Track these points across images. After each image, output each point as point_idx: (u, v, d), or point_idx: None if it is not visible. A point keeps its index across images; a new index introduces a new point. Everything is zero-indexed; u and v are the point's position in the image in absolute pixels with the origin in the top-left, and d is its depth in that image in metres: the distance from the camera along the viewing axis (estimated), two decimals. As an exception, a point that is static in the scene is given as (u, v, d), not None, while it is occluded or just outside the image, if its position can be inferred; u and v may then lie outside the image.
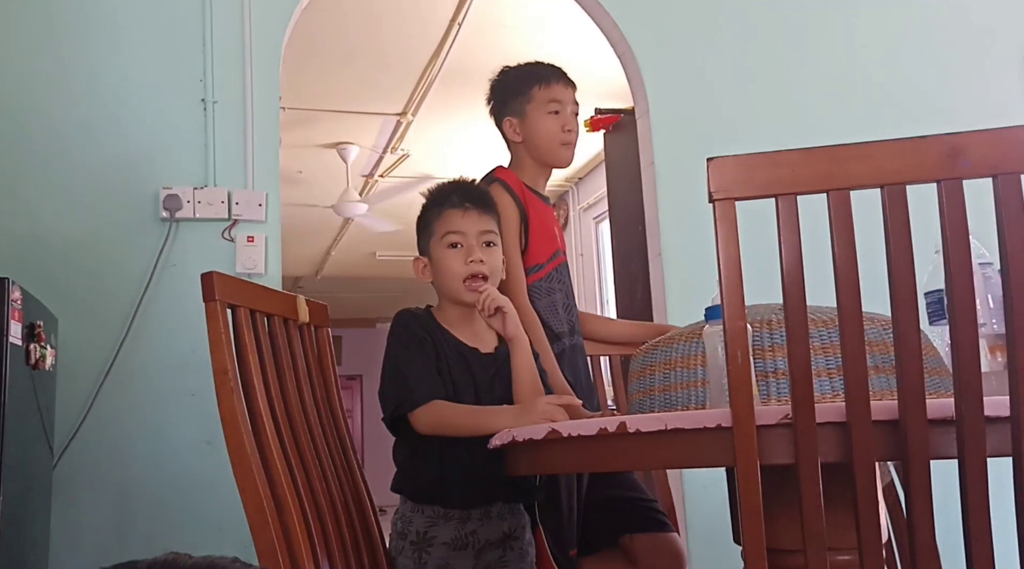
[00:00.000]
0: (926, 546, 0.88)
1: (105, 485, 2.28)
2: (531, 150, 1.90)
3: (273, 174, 2.51)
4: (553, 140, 1.88)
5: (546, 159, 1.90)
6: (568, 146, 1.89)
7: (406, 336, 1.50)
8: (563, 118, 1.88)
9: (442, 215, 1.55)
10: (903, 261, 0.85)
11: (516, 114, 1.90)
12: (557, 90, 1.89)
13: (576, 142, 1.91)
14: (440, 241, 1.54)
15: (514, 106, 1.90)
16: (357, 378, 10.42)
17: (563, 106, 1.88)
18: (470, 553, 1.47)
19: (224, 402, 1.23)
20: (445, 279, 1.53)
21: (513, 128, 1.91)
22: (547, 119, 1.87)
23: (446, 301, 1.57)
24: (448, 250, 1.53)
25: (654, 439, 1.01)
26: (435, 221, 1.56)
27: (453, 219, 1.54)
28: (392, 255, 7.61)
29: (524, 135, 1.90)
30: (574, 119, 1.91)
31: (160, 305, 2.37)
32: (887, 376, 1.19)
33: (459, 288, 1.52)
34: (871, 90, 3.05)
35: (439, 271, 1.54)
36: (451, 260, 1.52)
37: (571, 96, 1.91)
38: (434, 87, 4.47)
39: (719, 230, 0.90)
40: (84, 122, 2.42)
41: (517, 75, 1.93)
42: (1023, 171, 0.84)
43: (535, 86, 1.88)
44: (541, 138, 1.88)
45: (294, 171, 5.52)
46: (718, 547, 1.99)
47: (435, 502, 1.47)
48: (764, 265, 1.16)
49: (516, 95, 1.90)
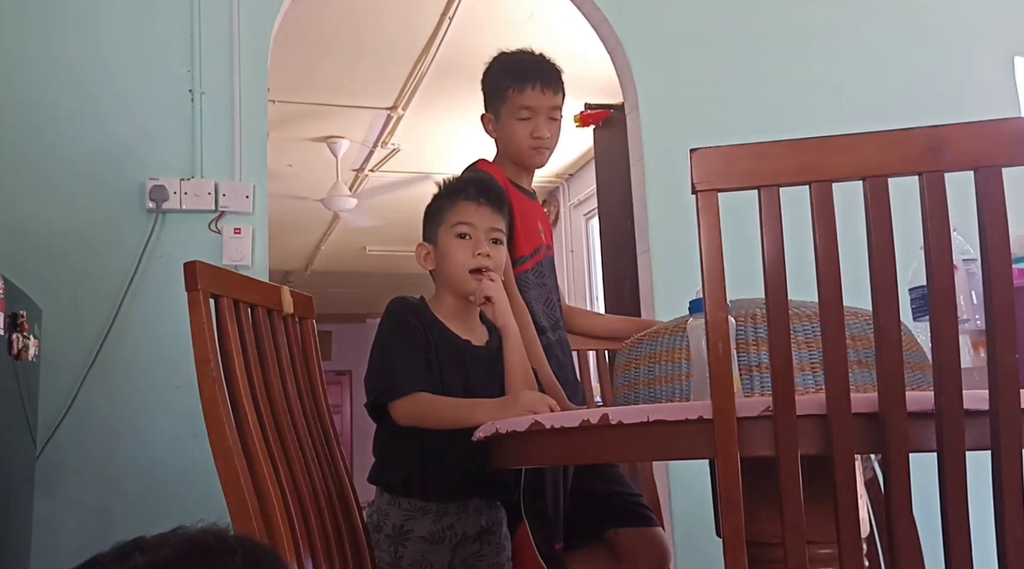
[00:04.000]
0: (905, 536, 0.88)
1: (88, 477, 2.27)
2: (504, 150, 1.89)
3: (261, 166, 2.50)
4: (521, 144, 1.84)
5: (517, 160, 1.88)
6: (539, 151, 1.85)
7: (397, 323, 1.49)
8: (533, 125, 1.82)
9: (456, 205, 1.56)
10: (884, 253, 0.86)
11: (493, 112, 1.89)
12: (531, 96, 1.82)
13: (551, 146, 1.86)
14: (449, 230, 1.54)
15: (492, 103, 1.89)
16: (346, 373, 10.40)
17: (535, 112, 1.82)
18: (447, 547, 1.47)
19: (206, 392, 1.22)
20: (449, 268, 1.54)
21: (490, 125, 1.90)
22: (516, 124, 1.83)
23: (444, 291, 1.57)
24: (456, 240, 1.54)
25: (636, 431, 1.01)
26: (447, 210, 1.56)
27: (467, 211, 1.54)
28: (382, 250, 7.59)
29: (497, 135, 1.89)
30: (547, 126, 1.83)
31: (146, 297, 2.35)
32: (870, 371, 1.19)
33: (464, 278, 1.52)
34: (862, 86, 3.06)
35: (444, 259, 1.55)
36: (458, 250, 1.53)
37: (547, 102, 1.83)
38: (425, 81, 4.46)
39: (702, 221, 0.90)
40: (69, 112, 2.40)
41: (499, 70, 1.89)
42: (1005, 164, 0.84)
43: (509, 89, 1.84)
44: (510, 142, 1.86)
45: (284, 165, 5.50)
46: (702, 541, 1.99)
47: (412, 495, 1.47)
48: (749, 261, 1.15)
49: (494, 93, 1.88)
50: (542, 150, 1.85)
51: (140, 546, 0.63)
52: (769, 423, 0.92)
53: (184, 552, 0.62)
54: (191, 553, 0.62)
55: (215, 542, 0.63)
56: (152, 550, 0.62)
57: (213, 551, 0.62)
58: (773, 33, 3.06)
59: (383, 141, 5.30)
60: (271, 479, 1.26)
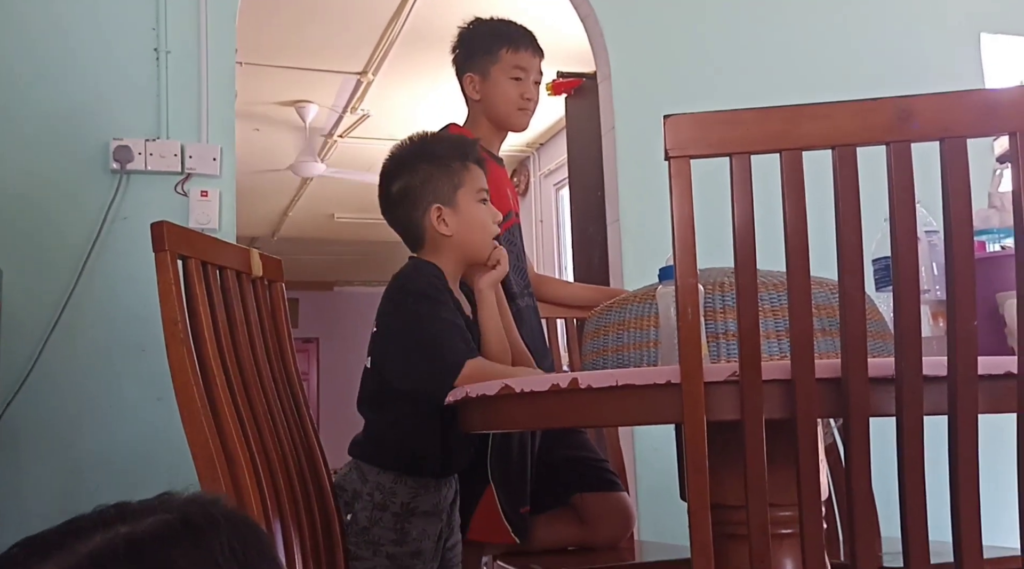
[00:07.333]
0: (863, 496, 0.90)
1: (51, 440, 2.25)
2: (487, 110, 1.89)
3: (228, 128, 2.46)
4: (511, 104, 1.88)
5: (501, 122, 1.90)
6: (525, 112, 1.90)
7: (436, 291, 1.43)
8: (524, 86, 1.88)
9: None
10: (850, 220, 0.87)
11: (479, 72, 1.89)
12: (524, 57, 1.88)
13: (534, 110, 1.91)
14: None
15: (479, 63, 1.89)
16: (314, 341, 10.34)
17: (527, 74, 1.88)
18: (439, 517, 1.50)
19: (174, 353, 1.21)
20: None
21: (473, 85, 1.89)
22: (508, 84, 1.87)
23: (449, 257, 1.51)
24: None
25: (605, 395, 1.02)
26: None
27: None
28: (351, 217, 7.52)
29: (483, 94, 1.89)
30: (535, 88, 1.91)
31: (110, 259, 2.32)
32: (833, 339, 1.22)
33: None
34: (832, 56, 3.08)
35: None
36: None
37: (537, 65, 1.91)
38: (396, 47, 4.40)
39: (673, 187, 0.91)
40: (30, 69, 2.34)
41: (488, 32, 1.91)
42: (969, 135, 0.86)
43: (504, 48, 1.87)
44: (499, 101, 1.88)
45: (251, 129, 5.42)
46: (666, 507, 2.03)
47: (425, 474, 1.46)
48: (719, 234, 1.16)
49: (483, 53, 1.89)
50: (528, 112, 1.90)
51: (123, 514, 0.58)
52: (735, 388, 0.94)
53: (170, 528, 0.57)
54: (177, 531, 0.57)
55: (202, 519, 0.58)
56: (135, 519, 0.57)
57: (201, 530, 0.57)
58: (745, 4, 3.07)
59: (352, 106, 5.24)
60: (240, 441, 1.26)
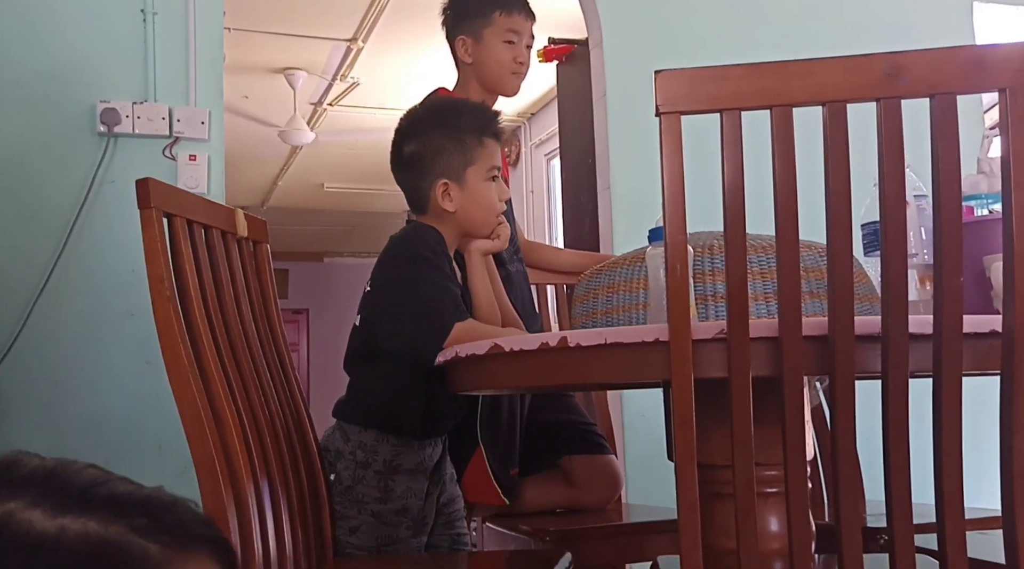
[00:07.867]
0: (847, 454, 0.91)
1: (39, 404, 2.24)
2: (479, 74, 1.89)
3: (216, 92, 2.43)
4: (504, 68, 1.87)
5: (493, 86, 1.90)
6: (517, 75, 1.90)
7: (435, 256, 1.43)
8: (517, 49, 1.87)
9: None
10: (840, 176, 0.87)
11: (471, 35, 1.88)
12: (517, 20, 1.87)
13: (526, 74, 1.91)
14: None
15: (471, 26, 1.88)
16: (303, 312, 10.32)
17: (520, 37, 1.88)
18: (425, 476, 1.50)
19: (160, 311, 1.21)
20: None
21: (466, 48, 1.88)
22: (501, 47, 1.87)
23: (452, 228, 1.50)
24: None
25: (594, 353, 1.03)
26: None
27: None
28: (341, 187, 7.48)
29: (475, 58, 1.88)
30: (527, 52, 1.90)
31: (97, 222, 2.30)
32: (821, 302, 1.22)
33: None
34: (827, 17, 3.06)
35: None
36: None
37: (529, 28, 1.90)
38: (386, 13, 4.35)
39: (664, 144, 0.90)
40: (14, 30, 2.30)
41: None
42: (959, 91, 0.85)
43: (497, 11, 1.86)
44: (492, 64, 1.87)
45: (240, 96, 5.36)
46: (653, 470, 2.05)
47: (405, 433, 1.46)
48: (708, 201, 1.16)
49: (476, 15, 1.88)
50: (520, 76, 1.90)
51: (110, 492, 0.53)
52: (723, 346, 0.94)
53: None
54: None
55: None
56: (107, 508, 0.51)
57: None
58: (739, -29, 3.04)
59: (342, 74, 5.18)
60: (227, 400, 1.26)
